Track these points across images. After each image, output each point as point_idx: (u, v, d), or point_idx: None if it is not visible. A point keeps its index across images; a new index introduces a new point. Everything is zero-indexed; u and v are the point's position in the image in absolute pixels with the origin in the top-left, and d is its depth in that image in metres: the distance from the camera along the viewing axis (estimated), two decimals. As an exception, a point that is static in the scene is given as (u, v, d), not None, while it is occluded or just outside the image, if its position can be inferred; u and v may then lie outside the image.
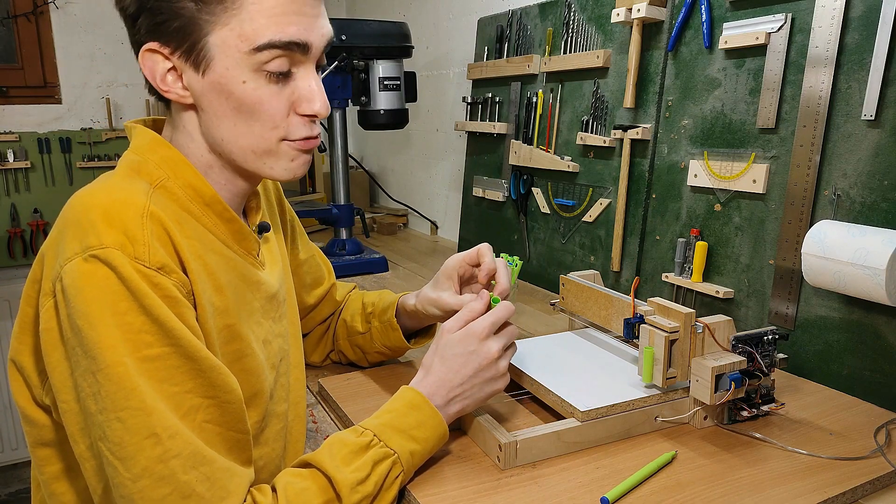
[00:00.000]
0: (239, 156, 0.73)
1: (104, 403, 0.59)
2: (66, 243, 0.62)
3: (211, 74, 0.69)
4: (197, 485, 0.61)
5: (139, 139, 0.74)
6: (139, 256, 0.62)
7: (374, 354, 1.04)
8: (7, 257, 2.66)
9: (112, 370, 0.59)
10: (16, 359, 0.69)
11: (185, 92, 0.71)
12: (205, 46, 0.68)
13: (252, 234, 0.79)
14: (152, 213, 0.65)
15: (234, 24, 0.67)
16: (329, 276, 1.09)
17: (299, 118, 0.73)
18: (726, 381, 0.80)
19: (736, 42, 1.13)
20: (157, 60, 0.70)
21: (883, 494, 0.75)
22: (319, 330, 1.10)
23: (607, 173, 1.44)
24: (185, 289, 0.66)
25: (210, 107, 0.71)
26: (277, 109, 0.71)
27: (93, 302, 0.59)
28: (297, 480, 0.67)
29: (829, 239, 0.94)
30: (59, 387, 0.63)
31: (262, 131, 0.72)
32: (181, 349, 0.62)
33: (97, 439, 0.60)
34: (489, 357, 0.78)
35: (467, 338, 0.78)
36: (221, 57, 0.68)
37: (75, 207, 0.65)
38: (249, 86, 0.69)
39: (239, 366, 0.74)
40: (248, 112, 0.70)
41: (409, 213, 2.55)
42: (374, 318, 1.02)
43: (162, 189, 0.70)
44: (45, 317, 0.63)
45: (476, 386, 0.78)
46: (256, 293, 0.79)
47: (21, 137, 2.63)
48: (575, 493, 0.72)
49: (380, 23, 1.73)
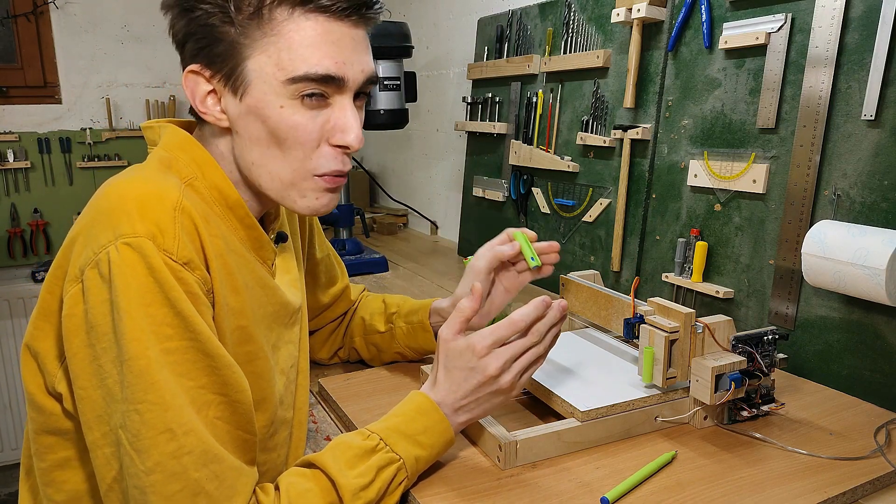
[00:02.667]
0: (266, 182, 0.74)
1: (126, 393, 0.60)
2: (100, 231, 0.62)
3: (248, 99, 0.70)
4: (206, 483, 0.61)
5: (170, 137, 0.75)
6: (168, 249, 0.62)
7: (393, 354, 1.05)
8: (7, 257, 2.66)
9: (134, 362, 0.60)
10: (31, 344, 0.69)
11: (222, 115, 0.72)
12: (244, 71, 0.69)
13: (269, 244, 0.80)
14: (184, 208, 0.66)
15: (273, 51, 0.68)
16: (343, 275, 1.10)
17: (331, 150, 0.73)
18: (726, 381, 0.80)
19: (736, 42, 1.13)
20: (198, 82, 0.71)
21: (883, 494, 0.75)
22: (330, 328, 1.10)
23: (607, 173, 1.44)
24: (206, 286, 0.66)
25: (245, 131, 0.72)
26: (310, 135, 0.71)
27: (121, 290, 0.60)
28: (301, 481, 0.67)
29: (829, 239, 0.94)
30: (77, 373, 0.63)
31: (293, 160, 0.72)
32: (199, 344, 0.63)
33: (118, 426, 0.61)
34: (487, 374, 0.75)
35: (467, 352, 0.76)
36: (258, 83, 0.69)
37: (110, 196, 0.65)
38: (286, 111, 0.70)
39: (250, 368, 0.74)
40: (283, 137, 0.71)
41: (409, 213, 2.55)
42: (399, 319, 1.03)
43: (190, 187, 0.71)
44: (69, 302, 0.63)
45: (480, 399, 0.76)
46: (271, 298, 0.80)
47: (21, 137, 2.63)
48: (575, 493, 0.72)
49: (380, 23, 1.73)
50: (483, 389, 0.76)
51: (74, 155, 2.71)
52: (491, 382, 0.75)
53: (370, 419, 0.76)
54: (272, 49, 0.68)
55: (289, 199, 0.75)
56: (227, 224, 0.74)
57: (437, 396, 0.76)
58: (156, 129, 0.77)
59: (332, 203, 0.77)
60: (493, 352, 0.75)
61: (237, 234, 0.75)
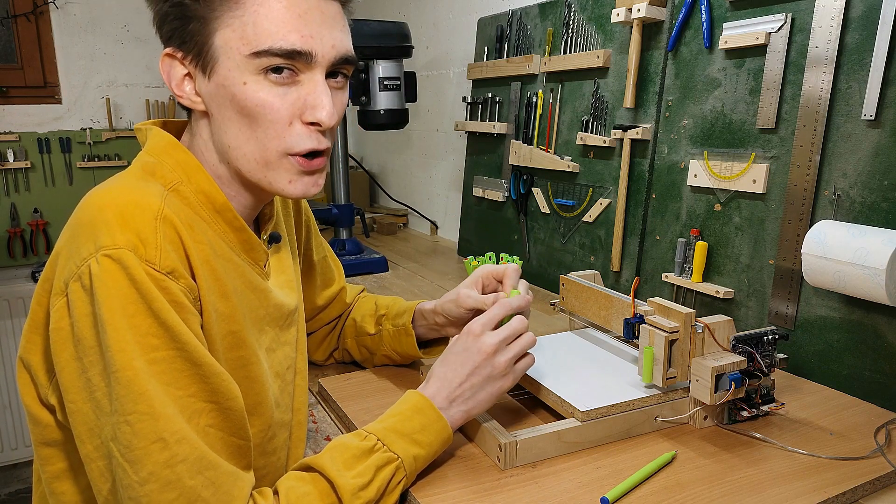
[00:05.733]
0: (244, 165, 0.72)
1: (115, 405, 0.60)
2: (81, 243, 0.62)
3: (216, 77, 0.69)
4: (202, 490, 0.61)
5: (155, 141, 0.74)
6: (150, 259, 0.62)
7: (381, 357, 1.04)
8: (7, 257, 2.66)
9: (122, 374, 0.59)
10: (24, 357, 0.69)
11: (197, 98, 0.72)
12: (210, 48, 0.68)
13: (261, 245, 0.78)
14: (166, 217, 0.65)
15: (237, 25, 0.67)
16: (340, 277, 1.09)
17: (304, 127, 0.70)
18: (726, 381, 0.80)
19: (736, 42, 1.13)
20: (173, 65, 0.71)
21: (883, 494, 0.75)
22: (325, 330, 1.10)
23: (607, 173, 1.44)
24: (192, 294, 0.66)
25: (218, 111, 0.71)
26: (279, 113, 0.69)
27: (104, 302, 0.60)
28: (299, 485, 0.67)
29: (829, 239, 0.94)
30: (67, 386, 0.62)
31: (265, 139, 0.70)
32: (186, 353, 0.62)
33: (109, 439, 0.60)
34: (483, 352, 0.77)
35: (463, 336, 0.79)
36: (224, 59, 0.68)
37: (90, 207, 0.65)
38: (250, 87, 0.68)
39: (244, 373, 0.74)
40: (251, 115, 0.69)
41: (409, 213, 2.55)
42: (387, 322, 1.02)
43: (175, 192, 0.70)
44: (55, 316, 0.63)
45: (476, 385, 0.77)
46: (263, 301, 0.79)
47: (21, 137, 2.63)
48: (575, 493, 0.72)
49: (380, 23, 1.73)
50: (479, 372, 0.77)
51: (74, 155, 2.71)
52: (487, 363, 0.77)
53: (370, 419, 0.76)
54: (237, 23, 0.66)
55: (266, 181, 0.72)
56: (214, 228, 0.73)
57: (430, 391, 0.77)
58: (144, 132, 0.76)
59: (310, 188, 0.74)
60: (488, 332, 0.79)
61: (226, 238, 0.74)
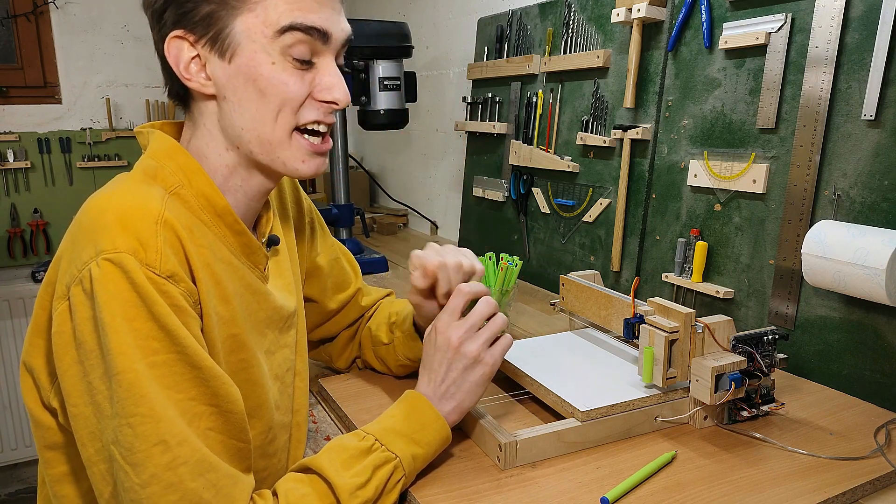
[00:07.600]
0: (256, 146, 0.74)
1: (116, 408, 0.60)
2: (82, 248, 0.62)
3: (238, 59, 0.70)
4: (203, 492, 0.61)
5: (157, 144, 0.74)
6: (150, 263, 0.62)
7: (398, 367, 1.00)
8: (7, 257, 2.66)
9: (123, 377, 0.59)
10: (27, 361, 0.69)
11: (207, 81, 0.72)
12: (231, 33, 0.70)
13: (261, 248, 0.79)
14: (166, 220, 0.65)
15: (259, 10, 0.69)
16: (356, 279, 1.06)
17: (315, 102, 0.74)
18: (726, 381, 0.80)
19: (736, 42, 1.13)
20: (182, 48, 0.71)
21: (883, 494, 0.75)
22: (346, 335, 1.06)
23: (607, 173, 1.44)
24: (192, 298, 0.66)
25: (234, 94, 0.72)
26: (298, 92, 0.72)
27: (104, 306, 0.60)
28: (298, 486, 0.67)
29: (829, 239, 0.94)
30: (69, 390, 0.63)
31: (281, 118, 0.72)
32: (186, 357, 0.62)
33: (110, 442, 0.61)
34: (451, 346, 0.78)
35: (432, 334, 0.81)
36: (248, 42, 0.70)
37: (91, 211, 0.65)
38: (277, 68, 0.70)
39: (244, 376, 0.74)
40: (272, 94, 0.71)
41: (409, 213, 2.55)
42: (397, 328, 0.98)
43: (176, 196, 0.71)
44: (57, 320, 0.63)
45: (456, 380, 0.78)
46: (262, 304, 0.79)
47: (21, 137, 2.63)
48: (575, 493, 0.72)
49: (380, 23, 1.73)
50: (455, 366, 0.78)
51: (74, 155, 2.71)
52: (459, 356, 0.78)
53: (370, 419, 0.76)
54: (259, 8, 0.69)
55: (278, 161, 0.75)
56: (215, 232, 0.73)
57: (424, 390, 0.78)
58: (145, 135, 0.76)
59: (320, 167, 0.77)
60: (452, 324, 0.79)
61: (226, 242, 0.75)
